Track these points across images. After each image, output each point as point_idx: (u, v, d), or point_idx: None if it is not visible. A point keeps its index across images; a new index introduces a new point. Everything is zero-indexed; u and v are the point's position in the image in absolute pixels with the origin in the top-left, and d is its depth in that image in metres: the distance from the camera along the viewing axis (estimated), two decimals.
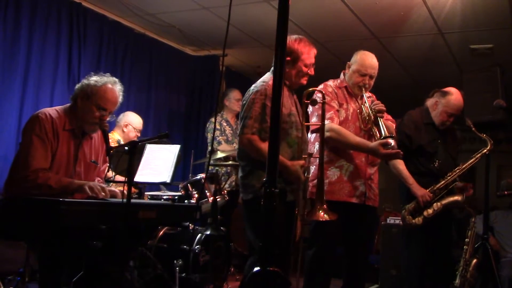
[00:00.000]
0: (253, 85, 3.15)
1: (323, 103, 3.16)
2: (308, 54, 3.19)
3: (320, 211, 2.97)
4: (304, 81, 3.24)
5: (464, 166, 3.91)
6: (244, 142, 3.03)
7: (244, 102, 3.12)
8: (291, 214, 3.03)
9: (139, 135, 4.92)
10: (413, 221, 3.85)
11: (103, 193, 2.81)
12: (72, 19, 4.96)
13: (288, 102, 3.15)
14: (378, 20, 5.15)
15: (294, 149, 3.10)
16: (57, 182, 2.77)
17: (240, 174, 3.19)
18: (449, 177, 3.88)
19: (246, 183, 3.09)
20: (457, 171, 3.89)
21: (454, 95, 3.99)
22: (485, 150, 3.95)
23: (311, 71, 3.23)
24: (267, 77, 3.18)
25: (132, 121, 4.86)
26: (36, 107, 4.47)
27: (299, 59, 3.15)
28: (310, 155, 3.15)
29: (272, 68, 3.24)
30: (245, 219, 3.16)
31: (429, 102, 4.12)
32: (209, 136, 5.62)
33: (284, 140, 3.07)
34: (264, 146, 2.89)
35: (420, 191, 3.84)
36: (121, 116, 4.83)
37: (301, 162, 3.02)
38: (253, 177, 3.06)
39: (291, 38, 3.19)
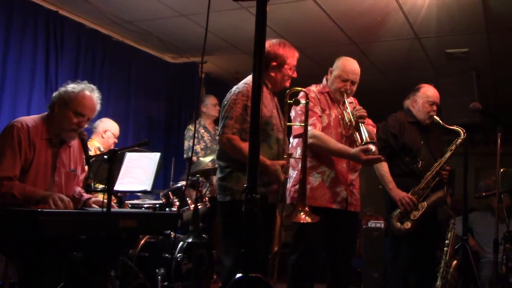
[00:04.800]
0: (235, 87, 3.15)
1: (307, 103, 3.18)
2: (293, 58, 3.23)
3: (302, 214, 2.98)
4: (288, 83, 3.27)
5: (441, 161, 3.93)
6: (223, 141, 3.02)
7: (225, 102, 3.11)
8: (270, 218, 3.03)
9: (116, 141, 4.89)
10: (402, 226, 3.83)
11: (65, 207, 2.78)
12: (49, 28, 4.91)
13: (270, 105, 3.17)
14: (355, 26, 5.19)
15: (274, 151, 3.11)
16: (20, 192, 2.74)
17: (218, 175, 3.15)
18: (428, 175, 3.91)
19: (224, 185, 3.07)
20: (436, 167, 3.92)
21: (427, 86, 4.15)
22: (460, 140, 3.97)
23: (295, 74, 3.27)
24: (249, 79, 3.18)
25: (110, 127, 4.82)
26: (12, 116, 4.39)
27: (285, 63, 3.18)
28: (290, 155, 3.15)
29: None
30: (220, 221, 3.15)
31: (407, 103, 4.20)
32: (186, 143, 5.61)
33: (265, 142, 3.08)
34: (244, 146, 2.89)
35: (398, 195, 3.86)
36: (97, 122, 4.80)
37: (281, 162, 3.03)
38: (232, 179, 3.04)
39: (274, 43, 3.21)
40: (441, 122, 4.02)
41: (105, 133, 4.78)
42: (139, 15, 5.25)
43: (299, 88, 3.27)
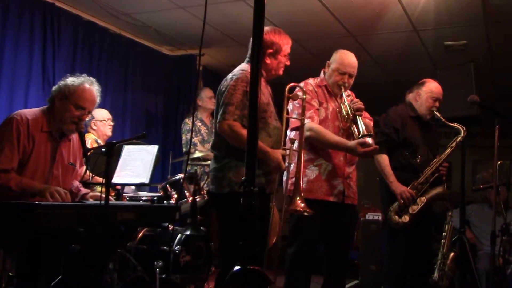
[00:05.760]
0: (231, 73, 3.11)
1: (303, 100, 3.17)
2: (287, 45, 3.22)
3: (298, 200, 2.98)
4: (281, 72, 3.24)
5: (440, 157, 3.95)
6: (224, 128, 2.94)
7: (223, 89, 3.04)
8: (267, 208, 3.02)
9: (112, 123, 4.84)
10: (400, 220, 3.86)
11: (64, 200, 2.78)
12: (46, 20, 4.87)
13: (266, 92, 3.15)
14: (353, 18, 5.18)
15: (273, 139, 3.08)
16: (17, 184, 2.75)
17: (213, 165, 3.09)
18: (427, 171, 3.92)
19: (221, 176, 3.00)
20: (435, 163, 3.94)
21: (431, 81, 4.18)
22: (459, 138, 4.00)
23: (288, 62, 3.25)
24: (245, 66, 3.16)
25: (96, 117, 4.76)
26: (10, 109, 4.39)
27: (280, 50, 3.17)
28: (293, 141, 3.12)
29: (247, 59, 3.23)
30: (218, 214, 3.12)
31: (410, 96, 4.21)
32: (184, 137, 5.60)
33: (264, 130, 3.04)
34: (246, 132, 2.87)
35: (398, 189, 3.87)
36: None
37: (282, 151, 3.02)
38: (231, 169, 2.97)
39: (268, 30, 3.19)
40: (442, 118, 4.02)
41: (95, 124, 4.75)
42: (136, 7, 5.23)
43: (297, 84, 3.27)
